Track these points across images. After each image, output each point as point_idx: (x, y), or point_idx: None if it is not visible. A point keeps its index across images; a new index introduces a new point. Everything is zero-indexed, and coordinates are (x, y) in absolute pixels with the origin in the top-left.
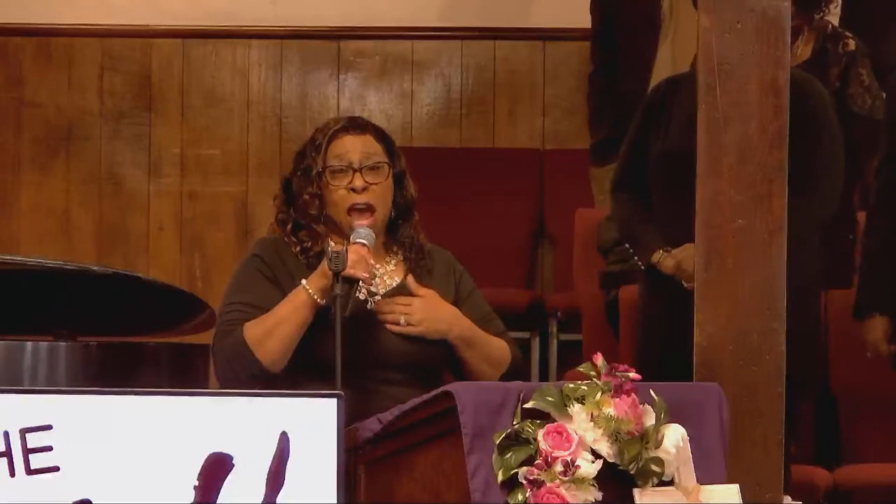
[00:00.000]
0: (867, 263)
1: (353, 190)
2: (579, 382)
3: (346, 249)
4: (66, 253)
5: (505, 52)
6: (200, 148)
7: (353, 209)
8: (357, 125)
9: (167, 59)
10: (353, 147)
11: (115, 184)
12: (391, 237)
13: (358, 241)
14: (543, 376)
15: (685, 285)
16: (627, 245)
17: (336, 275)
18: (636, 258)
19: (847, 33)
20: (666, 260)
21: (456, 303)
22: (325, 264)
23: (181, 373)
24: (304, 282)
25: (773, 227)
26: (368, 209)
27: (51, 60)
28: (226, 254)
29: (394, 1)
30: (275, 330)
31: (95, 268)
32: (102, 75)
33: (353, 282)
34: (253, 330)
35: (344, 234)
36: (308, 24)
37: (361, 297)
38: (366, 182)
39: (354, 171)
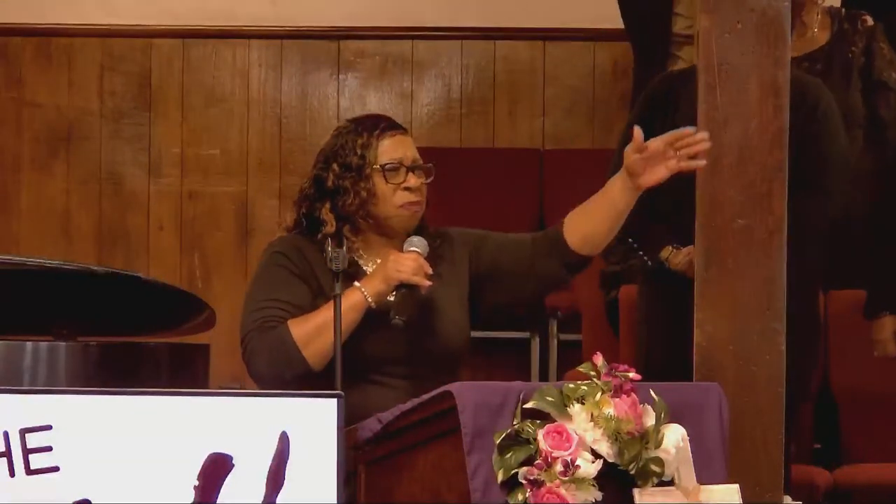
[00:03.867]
0: (878, 262)
1: (408, 189)
2: (579, 382)
3: (345, 251)
4: (66, 253)
5: (505, 52)
6: (200, 148)
7: (406, 205)
8: (398, 126)
9: (167, 59)
10: (403, 146)
11: (115, 184)
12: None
13: (412, 249)
14: (543, 376)
15: None
16: (632, 240)
17: (336, 274)
18: (642, 253)
19: (862, 11)
20: (676, 256)
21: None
22: (386, 269)
23: (181, 373)
24: (357, 283)
25: (773, 227)
26: (420, 206)
27: (51, 60)
28: (226, 254)
29: (394, 1)
30: (324, 330)
31: (95, 268)
32: (102, 75)
33: (413, 288)
34: (300, 329)
35: (385, 233)
36: (308, 24)
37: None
38: (418, 182)
39: (407, 170)
